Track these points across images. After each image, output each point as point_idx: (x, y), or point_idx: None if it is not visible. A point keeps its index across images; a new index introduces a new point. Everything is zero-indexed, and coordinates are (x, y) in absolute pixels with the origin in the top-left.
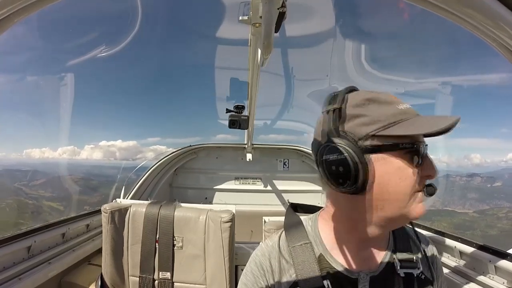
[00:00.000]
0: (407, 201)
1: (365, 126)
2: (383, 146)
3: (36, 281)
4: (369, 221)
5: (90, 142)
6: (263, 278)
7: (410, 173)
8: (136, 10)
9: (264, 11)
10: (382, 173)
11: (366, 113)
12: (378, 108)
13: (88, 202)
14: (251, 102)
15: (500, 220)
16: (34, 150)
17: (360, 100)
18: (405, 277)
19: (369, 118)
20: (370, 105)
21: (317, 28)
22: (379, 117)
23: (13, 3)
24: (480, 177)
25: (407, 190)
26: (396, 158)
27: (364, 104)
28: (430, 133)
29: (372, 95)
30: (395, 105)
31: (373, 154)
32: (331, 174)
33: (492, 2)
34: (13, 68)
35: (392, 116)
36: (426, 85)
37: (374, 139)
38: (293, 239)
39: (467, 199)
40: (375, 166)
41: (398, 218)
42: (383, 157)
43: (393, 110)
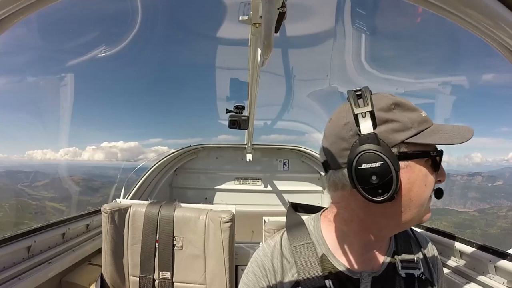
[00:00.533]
0: (424, 206)
1: (397, 132)
2: (413, 153)
3: (36, 281)
4: (384, 225)
5: (91, 143)
6: (264, 279)
7: (432, 179)
8: (136, 10)
9: (264, 11)
10: (407, 181)
11: (396, 119)
12: (404, 113)
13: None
14: (251, 102)
15: (500, 219)
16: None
17: (386, 104)
18: (406, 277)
19: (400, 124)
20: (397, 110)
21: (317, 28)
22: (408, 123)
23: (13, 3)
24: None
25: (427, 196)
26: (420, 165)
27: (391, 108)
28: (455, 143)
29: (396, 99)
30: (419, 112)
31: (401, 161)
32: (365, 183)
33: (492, 2)
34: (14, 68)
35: (420, 124)
36: (426, 85)
37: (403, 146)
38: (295, 239)
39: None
40: (401, 173)
41: (411, 222)
42: (409, 165)
43: (419, 117)
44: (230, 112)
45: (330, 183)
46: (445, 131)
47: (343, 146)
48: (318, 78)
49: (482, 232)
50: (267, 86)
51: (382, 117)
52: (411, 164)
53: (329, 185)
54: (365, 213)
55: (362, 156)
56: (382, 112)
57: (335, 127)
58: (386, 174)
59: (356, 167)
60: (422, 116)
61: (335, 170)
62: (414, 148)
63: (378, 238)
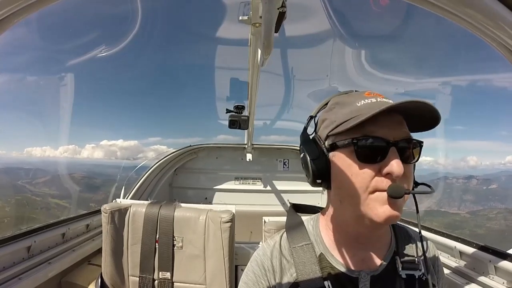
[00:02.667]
0: (364, 199)
1: (326, 128)
2: (334, 144)
3: (36, 281)
4: (346, 218)
5: (91, 141)
6: (264, 278)
7: (356, 169)
8: (136, 10)
9: (264, 11)
10: (337, 170)
11: (329, 117)
12: (340, 109)
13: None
14: (251, 102)
15: (490, 221)
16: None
17: (331, 104)
18: (407, 278)
19: (329, 120)
20: (336, 108)
21: (317, 28)
22: (336, 118)
23: (13, 4)
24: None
25: (360, 187)
26: (346, 154)
27: (332, 108)
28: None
29: (340, 98)
30: (355, 103)
31: (331, 152)
32: (303, 169)
33: (492, 2)
34: (15, 68)
35: (347, 114)
36: (426, 85)
37: (330, 139)
38: (294, 239)
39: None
40: (333, 163)
41: (365, 218)
42: (338, 155)
43: (351, 108)
44: (230, 112)
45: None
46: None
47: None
48: (318, 78)
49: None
50: (267, 86)
51: (321, 118)
52: (338, 154)
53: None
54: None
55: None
56: (323, 113)
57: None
58: (306, 162)
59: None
60: (355, 106)
61: None
62: (337, 138)
63: (356, 233)
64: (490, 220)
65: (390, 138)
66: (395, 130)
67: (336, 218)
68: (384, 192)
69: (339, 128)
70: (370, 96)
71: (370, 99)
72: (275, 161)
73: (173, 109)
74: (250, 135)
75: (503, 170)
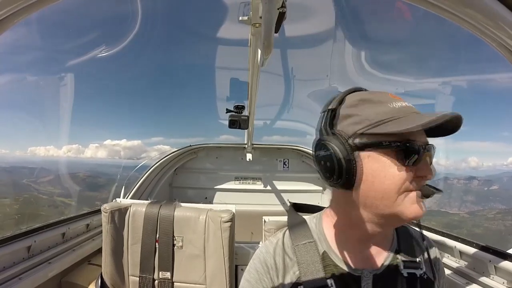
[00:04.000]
0: (394, 200)
1: (355, 125)
2: (370, 144)
3: (36, 281)
4: (364, 218)
5: (94, 141)
6: (266, 275)
7: (396, 171)
8: (136, 10)
9: (264, 11)
10: (369, 170)
11: (358, 113)
12: (370, 107)
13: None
14: (251, 102)
15: (488, 221)
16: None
17: (354, 100)
18: (408, 277)
19: (359, 117)
20: (363, 105)
21: (317, 28)
22: (369, 116)
23: (13, 4)
24: (478, 180)
25: (393, 188)
26: (384, 156)
27: (358, 104)
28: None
29: (366, 95)
30: (387, 104)
31: (361, 151)
32: (320, 168)
33: (492, 2)
34: (16, 67)
35: (381, 115)
36: (426, 85)
37: (363, 137)
38: (297, 237)
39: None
40: (363, 163)
41: (390, 217)
42: (371, 155)
43: (384, 108)
44: (230, 112)
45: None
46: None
47: (314, 140)
48: (318, 78)
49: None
50: (267, 86)
51: (344, 113)
52: (373, 154)
53: (324, 182)
54: (346, 204)
55: (317, 145)
56: (347, 108)
57: (316, 127)
58: (332, 161)
59: (314, 155)
60: (390, 107)
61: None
62: (374, 138)
63: (367, 233)
64: (489, 220)
65: (424, 142)
66: (423, 135)
67: (349, 218)
68: (414, 192)
69: (376, 129)
70: (396, 99)
71: (400, 103)
72: (275, 161)
73: (175, 109)
74: (250, 135)
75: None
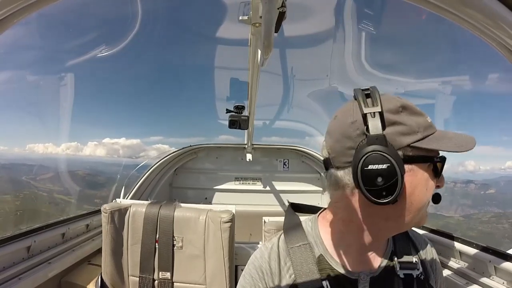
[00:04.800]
0: (423, 210)
1: (404, 135)
2: (418, 157)
3: (36, 281)
4: (383, 227)
5: (93, 139)
6: (261, 281)
7: (432, 185)
8: (136, 10)
9: (264, 11)
10: (410, 184)
11: (403, 122)
12: (412, 117)
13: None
14: (251, 102)
15: (482, 224)
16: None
17: (395, 106)
18: (405, 278)
19: (407, 127)
20: (404, 112)
21: (317, 28)
22: (415, 127)
23: (13, 3)
24: (475, 184)
25: (427, 200)
26: (423, 170)
27: (399, 111)
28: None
29: (404, 101)
30: (425, 117)
31: (406, 164)
32: (369, 184)
33: (492, 2)
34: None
35: (426, 128)
36: (426, 86)
37: (410, 150)
38: (292, 240)
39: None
40: (410, 176)
41: (410, 225)
42: (413, 168)
43: (425, 122)
44: (230, 112)
45: (331, 182)
46: (449, 138)
47: (349, 145)
48: (318, 78)
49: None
50: (267, 86)
51: (390, 119)
52: (415, 168)
53: (330, 183)
54: (365, 214)
55: (370, 156)
56: (390, 114)
57: (341, 125)
58: (392, 177)
59: (362, 167)
60: (427, 121)
61: (337, 168)
62: (418, 152)
63: (376, 239)
64: (483, 223)
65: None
66: None
67: (366, 228)
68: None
69: (424, 143)
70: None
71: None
72: (275, 161)
73: (174, 109)
74: (250, 135)
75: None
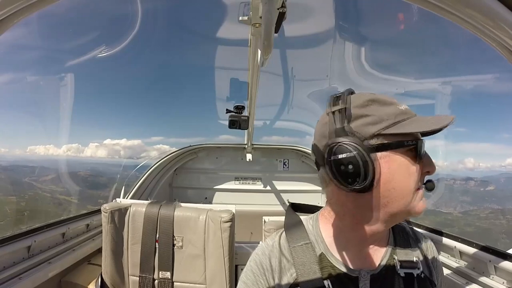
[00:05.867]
0: (411, 197)
1: (371, 125)
2: (389, 144)
3: (36, 281)
4: (373, 218)
5: (94, 140)
6: (263, 277)
7: (414, 169)
8: (136, 10)
9: (264, 11)
10: (387, 171)
11: (371, 113)
12: (380, 108)
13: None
14: (251, 102)
15: (480, 220)
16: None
17: (363, 101)
18: (405, 277)
19: (373, 117)
20: (373, 105)
21: (317, 29)
22: (383, 116)
23: (13, 4)
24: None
25: (411, 186)
26: (400, 155)
27: (368, 104)
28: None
29: (373, 96)
30: (396, 106)
31: (378, 152)
32: (340, 173)
33: (492, 2)
34: (17, 67)
35: (395, 116)
36: (426, 86)
37: (380, 138)
38: (293, 239)
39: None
40: (381, 164)
41: (401, 214)
42: (388, 155)
43: (395, 110)
44: (230, 112)
45: (321, 180)
46: (424, 120)
47: (324, 143)
48: (318, 79)
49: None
50: (267, 86)
51: (357, 113)
52: (390, 154)
53: (321, 182)
54: (354, 206)
55: (335, 147)
56: (358, 108)
57: (319, 127)
58: (357, 163)
59: (328, 158)
60: (399, 108)
61: (322, 166)
62: (391, 139)
63: (371, 231)
64: (480, 220)
65: (423, 140)
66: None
67: (355, 220)
68: (422, 187)
69: (393, 129)
70: (396, 101)
71: (403, 105)
72: (275, 161)
73: (175, 109)
74: (250, 135)
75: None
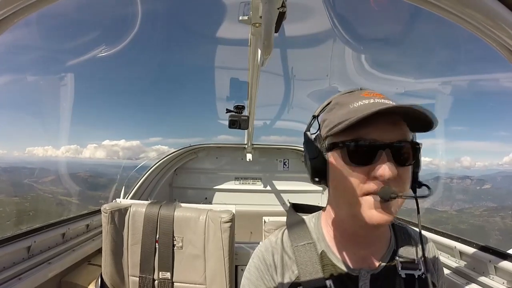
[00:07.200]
0: (356, 201)
1: (325, 128)
2: (331, 145)
3: (36, 281)
4: (343, 217)
5: (93, 141)
6: (267, 273)
7: (349, 171)
8: (136, 10)
9: (264, 11)
10: (333, 170)
11: (328, 117)
12: (338, 110)
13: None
14: (251, 102)
15: (474, 217)
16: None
17: (332, 104)
18: (406, 278)
19: (328, 121)
20: (335, 108)
21: (317, 29)
22: (334, 118)
23: (13, 3)
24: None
25: (351, 188)
26: (339, 156)
27: (332, 108)
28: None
29: (340, 98)
30: (349, 105)
31: (329, 152)
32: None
33: (492, 2)
34: (16, 68)
35: (340, 117)
36: (426, 85)
37: (328, 139)
38: (296, 238)
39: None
40: (330, 163)
41: (357, 218)
42: (334, 155)
43: (345, 110)
44: (230, 112)
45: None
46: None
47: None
48: (318, 78)
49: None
50: (267, 86)
51: (323, 117)
52: (334, 154)
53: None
54: (331, 204)
55: (307, 147)
56: (325, 113)
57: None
58: (307, 159)
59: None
60: (350, 108)
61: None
62: (333, 139)
63: (356, 232)
64: (474, 217)
65: (384, 140)
66: (390, 132)
67: (335, 216)
68: (375, 195)
69: (335, 129)
70: (368, 96)
71: (368, 100)
72: (275, 161)
73: (174, 109)
74: (250, 135)
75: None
